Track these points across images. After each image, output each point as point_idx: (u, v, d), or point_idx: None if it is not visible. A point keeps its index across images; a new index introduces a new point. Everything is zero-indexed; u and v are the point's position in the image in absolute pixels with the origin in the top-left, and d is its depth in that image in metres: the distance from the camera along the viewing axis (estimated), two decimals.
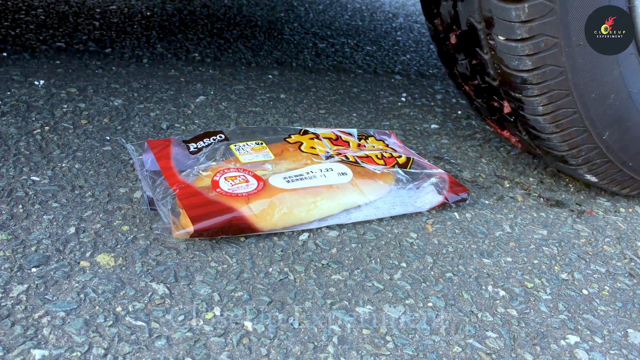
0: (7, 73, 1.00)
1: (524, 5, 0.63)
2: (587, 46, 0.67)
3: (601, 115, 0.72)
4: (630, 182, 0.83)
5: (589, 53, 0.67)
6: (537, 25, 0.64)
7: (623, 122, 0.74)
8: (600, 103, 0.71)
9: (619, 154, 0.77)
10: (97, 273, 0.57)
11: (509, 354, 0.55)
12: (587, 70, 0.69)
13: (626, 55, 0.70)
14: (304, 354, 0.52)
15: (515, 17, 0.64)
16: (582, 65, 0.68)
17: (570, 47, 0.66)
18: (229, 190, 0.66)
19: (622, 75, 0.70)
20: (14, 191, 0.68)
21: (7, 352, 0.47)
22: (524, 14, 0.63)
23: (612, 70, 0.69)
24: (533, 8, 0.63)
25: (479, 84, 0.78)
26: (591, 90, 0.70)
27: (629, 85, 0.72)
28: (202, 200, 0.64)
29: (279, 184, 0.68)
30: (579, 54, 0.67)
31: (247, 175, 0.69)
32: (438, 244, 0.71)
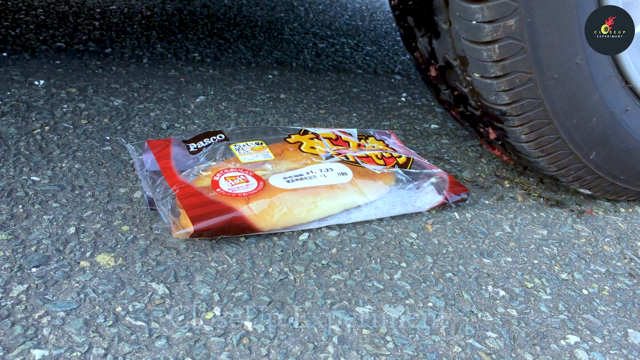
0: (7, 73, 1.00)
1: (494, 46, 0.63)
2: (562, 78, 0.67)
3: (585, 138, 0.73)
4: (625, 191, 0.84)
5: (565, 84, 0.68)
6: (510, 64, 0.65)
7: (609, 141, 0.75)
8: (583, 127, 0.72)
9: (609, 170, 0.78)
10: (97, 273, 0.57)
11: (509, 354, 0.55)
12: (565, 99, 0.69)
13: (605, 79, 0.70)
14: (304, 354, 0.52)
15: (487, 57, 0.65)
16: (559, 95, 0.68)
17: (545, 81, 0.67)
18: (229, 190, 0.66)
19: (603, 99, 0.71)
20: (14, 191, 0.68)
21: (7, 352, 0.47)
22: (495, 54, 0.64)
23: (592, 96, 0.70)
24: (503, 48, 0.64)
25: (464, 112, 0.79)
26: (572, 117, 0.71)
27: (611, 107, 0.72)
28: (202, 200, 0.64)
29: (279, 184, 0.68)
30: (554, 86, 0.68)
31: (247, 175, 0.69)
32: (438, 244, 0.71)
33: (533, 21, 0.62)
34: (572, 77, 0.67)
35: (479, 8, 0.61)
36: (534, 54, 0.64)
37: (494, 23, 0.61)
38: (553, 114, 0.69)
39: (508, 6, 0.60)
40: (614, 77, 0.70)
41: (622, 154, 0.77)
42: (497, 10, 0.60)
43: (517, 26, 0.61)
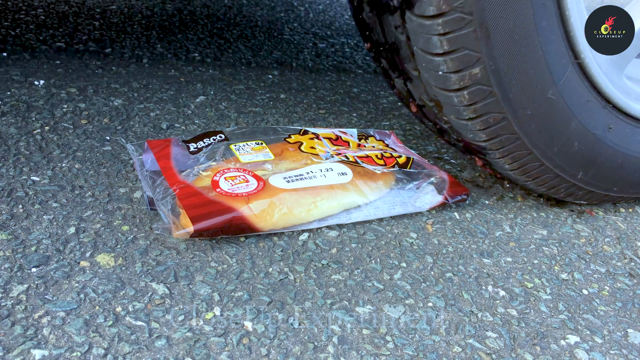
0: (7, 73, 1.00)
1: (463, 93, 0.65)
2: (536, 113, 0.68)
3: (570, 161, 0.74)
4: (621, 198, 0.85)
5: (540, 118, 0.69)
6: (481, 106, 0.66)
7: (596, 160, 0.75)
8: (566, 152, 0.73)
9: (600, 185, 0.79)
10: (97, 273, 0.57)
11: (509, 354, 0.55)
12: (543, 131, 0.70)
13: (582, 104, 0.70)
14: (304, 354, 0.52)
15: (458, 103, 0.66)
16: (536, 129, 0.69)
17: (519, 118, 0.67)
18: (229, 190, 0.66)
19: (582, 123, 0.71)
20: (14, 191, 0.68)
21: (7, 352, 0.47)
22: (465, 99, 0.65)
23: (570, 123, 0.70)
24: (472, 94, 0.65)
25: (449, 141, 0.81)
26: (552, 145, 0.71)
27: (593, 129, 0.72)
28: (202, 200, 0.64)
29: (279, 184, 0.68)
30: (529, 121, 0.68)
31: (247, 175, 0.69)
32: (438, 244, 0.71)
33: (497, 67, 0.63)
34: (546, 111, 0.68)
35: (442, 60, 0.62)
36: (504, 96, 0.65)
37: (460, 73, 0.63)
38: (532, 146, 0.71)
39: (470, 57, 0.62)
40: (591, 101, 0.71)
41: (612, 169, 0.77)
42: (460, 62, 0.62)
43: (482, 73, 0.63)
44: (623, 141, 0.76)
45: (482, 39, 0.60)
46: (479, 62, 0.62)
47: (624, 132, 0.75)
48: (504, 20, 0.61)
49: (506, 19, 0.61)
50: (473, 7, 0.58)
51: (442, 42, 0.61)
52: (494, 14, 0.60)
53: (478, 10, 0.59)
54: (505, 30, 0.61)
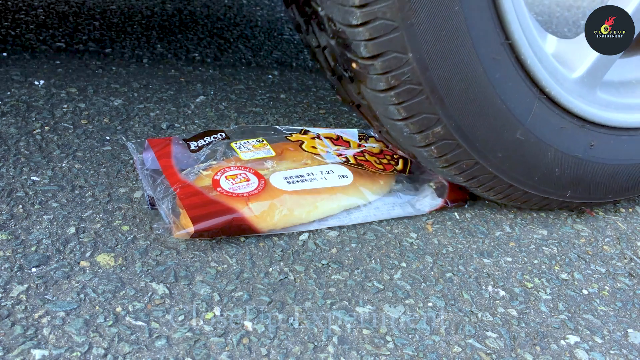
0: (7, 73, 1.00)
1: (431, 148, 0.67)
2: (508, 154, 0.69)
3: (555, 186, 0.75)
4: (620, 200, 0.85)
5: (513, 157, 0.70)
6: (452, 157, 0.68)
7: (582, 179, 0.76)
8: (549, 179, 0.73)
9: (593, 196, 0.79)
10: (97, 273, 0.57)
11: (509, 354, 0.55)
12: (519, 168, 0.71)
13: (556, 133, 0.70)
14: (304, 354, 0.52)
15: (429, 156, 0.69)
16: (510, 167, 0.71)
17: (491, 160, 0.69)
18: (229, 190, 0.66)
19: (560, 150, 0.72)
20: (14, 191, 0.68)
21: (7, 352, 0.47)
22: (435, 152, 0.68)
23: (546, 154, 0.71)
24: (441, 147, 0.67)
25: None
26: (532, 176, 0.72)
27: (573, 152, 0.73)
28: (203, 200, 0.64)
29: (279, 185, 0.68)
30: (503, 162, 0.70)
31: (249, 173, 0.69)
32: (438, 244, 0.71)
33: (458, 124, 0.64)
34: (518, 150, 0.69)
35: (404, 124, 0.64)
36: (471, 146, 0.67)
37: (423, 133, 0.65)
38: (512, 180, 0.72)
39: (429, 119, 0.63)
40: (566, 127, 0.71)
41: (603, 182, 0.78)
42: (420, 124, 0.64)
43: (444, 131, 0.65)
44: (608, 154, 0.76)
45: (437, 103, 0.62)
46: (439, 122, 0.64)
47: (608, 145, 0.75)
48: (456, 84, 0.62)
49: (458, 82, 0.62)
50: (421, 78, 0.60)
51: (399, 110, 0.63)
52: (443, 81, 0.61)
53: (426, 80, 0.60)
54: (459, 91, 0.63)
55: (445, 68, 0.61)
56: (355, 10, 0.56)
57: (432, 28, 0.58)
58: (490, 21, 0.61)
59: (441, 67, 0.60)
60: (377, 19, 0.56)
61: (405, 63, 0.59)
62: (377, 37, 0.57)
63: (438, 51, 0.60)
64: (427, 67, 0.60)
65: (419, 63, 0.59)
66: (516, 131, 0.68)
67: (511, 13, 0.62)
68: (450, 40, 0.59)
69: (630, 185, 0.81)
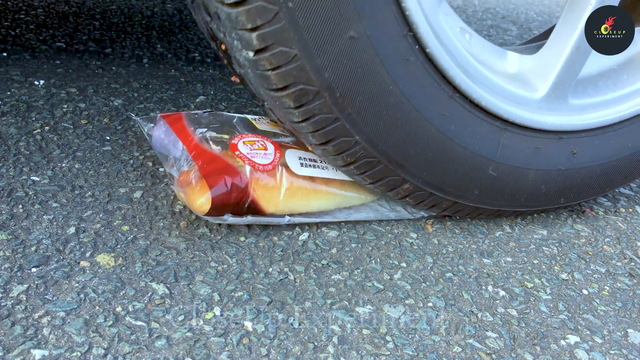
0: (7, 73, 1.00)
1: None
2: (484, 190, 0.70)
3: (544, 199, 0.75)
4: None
5: (489, 191, 0.70)
6: (428, 202, 0.70)
7: (572, 185, 0.75)
8: (535, 195, 0.74)
9: (588, 195, 0.79)
10: (97, 273, 0.57)
11: (509, 354, 0.55)
12: (502, 196, 0.71)
13: (532, 154, 0.70)
14: (304, 354, 0.52)
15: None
16: (495, 198, 0.71)
17: (469, 199, 0.70)
18: (247, 155, 0.65)
19: (541, 169, 0.72)
20: (14, 191, 0.68)
21: (7, 352, 0.47)
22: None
23: (527, 176, 0.71)
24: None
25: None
26: (519, 198, 0.73)
27: (556, 165, 0.72)
28: (220, 166, 0.64)
29: (292, 165, 0.67)
30: (481, 196, 0.70)
31: (267, 141, 0.68)
32: (438, 244, 0.71)
33: (426, 180, 0.66)
34: (495, 183, 0.70)
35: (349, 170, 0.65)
36: (444, 193, 0.69)
37: (394, 190, 0.67)
38: (499, 207, 0.74)
39: (395, 181, 0.65)
40: (541, 147, 0.70)
41: (596, 181, 0.77)
42: (388, 185, 0.66)
43: (412, 186, 0.67)
44: (595, 155, 0.75)
45: (398, 167, 0.64)
46: (405, 182, 0.66)
47: (592, 147, 0.74)
48: (411, 148, 0.63)
49: (413, 147, 0.63)
50: (374, 152, 0.62)
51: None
52: (398, 148, 0.63)
53: (380, 153, 0.62)
54: (420, 156, 0.64)
55: (399, 135, 0.61)
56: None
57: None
58: (431, 80, 0.60)
59: (392, 138, 0.61)
60: (315, 114, 0.56)
61: (354, 144, 0.60)
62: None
63: (380, 131, 0.60)
64: (376, 144, 0.61)
65: (368, 142, 0.60)
66: (487, 168, 0.67)
67: (453, 69, 0.60)
68: (392, 118, 0.60)
69: (627, 175, 0.80)
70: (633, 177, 0.82)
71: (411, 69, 0.58)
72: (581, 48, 0.67)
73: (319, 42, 0.52)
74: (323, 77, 0.54)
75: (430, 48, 0.58)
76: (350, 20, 0.52)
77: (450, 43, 0.61)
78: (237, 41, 0.52)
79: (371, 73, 0.56)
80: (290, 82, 0.54)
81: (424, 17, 0.56)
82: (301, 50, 0.52)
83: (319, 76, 0.54)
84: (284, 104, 0.56)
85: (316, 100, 0.55)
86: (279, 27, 0.50)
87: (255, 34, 0.50)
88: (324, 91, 0.55)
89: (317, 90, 0.55)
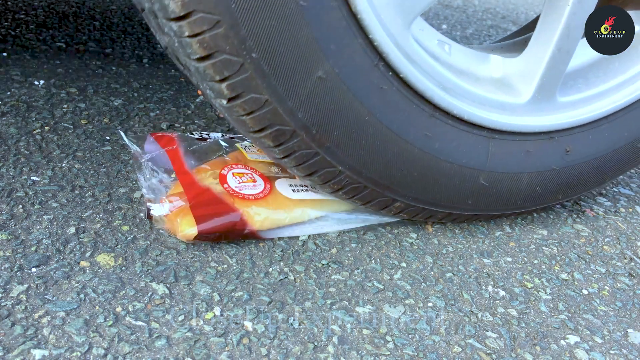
0: (7, 73, 1.00)
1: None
2: (479, 199, 0.70)
3: (541, 198, 0.74)
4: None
5: (487, 199, 0.70)
6: (422, 215, 0.71)
7: (569, 182, 0.75)
8: (532, 196, 0.73)
9: (588, 188, 0.79)
10: (97, 273, 0.57)
11: (509, 354, 0.55)
12: (498, 201, 0.72)
13: (524, 157, 0.70)
14: (304, 354, 0.52)
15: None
16: (490, 205, 0.72)
17: (464, 209, 0.70)
18: (235, 189, 0.65)
19: (535, 171, 0.71)
20: (14, 191, 0.68)
21: (7, 352, 0.47)
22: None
23: (521, 180, 0.71)
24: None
25: None
26: (515, 201, 0.73)
27: (550, 166, 0.72)
28: (209, 198, 0.64)
29: (285, 192, 0.68)
30: (475, 205, 0.71)
31: (255, 174, 0.69)
32: (438, 244, 0.71)
33: (419, 198, 0.67)
34: (488, 191, 0.70)
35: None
36: (436, 206, 0.69)
37: (387, 208, 0.68)
38: (495, 211, 0.74)
39: (385, 201, 0.66)
40: (531, 150, 0.70)
41: (592, 175, 0.77)
42: (380, 204, 0.67)
43: (404, 204, 0.67)
44: (590, 151, 0.74)
45: (385, 189, 0.65)
46: (395, 201, 0.66)
47: (587, 141, 0.73)
48: (397, 171, 0.64)
49: (400, 170, 0.63)
50: (359, 179, 0.62)
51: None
52: (383, 173, 0.63)
53: (365, 180, 0.62)
54: (412, 177, 0.65)
55: (382, 160, 0.61)
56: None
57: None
58: (409, 103, 0.60)
59: (375, 164, 0.61)
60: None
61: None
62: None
63: (362, 159, 0.60)
64: (360, 171, 0.61)
65: (351, 171, 0.61)
66: (478, 179, 0.67)
67: (430, 89, 0.60)
68: (372, 146, 0.60)
69: (623, 164, 0.79)
70: (632, 165, 0.80)
71: (387, 96, 0.58)
72: (563, 49, 0.66)
73: (287, 87, 0.53)
74: (297, 118, 0.55)
75: (404, 73, 0.58)
76: (316, 62, 0.52)
77: (425, 63, 0.61)
78: (210, 90, 0.53)
79: (345, 107, 0.56)
80: (266, 125, 0.55)
81: (393, 44, 0.56)
82: (271, 96, 0.52)
83: (293, 117, 0.54)
84: (264, 144, 0.57)
85: (293, 138, 0.56)
86: (246, 76, 0.51)
87: (224, 85, 0.51)
88: (299, 130, 0.55)
89: (293, 130, 0.55)
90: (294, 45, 0.51)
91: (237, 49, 0.49)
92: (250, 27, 0.48)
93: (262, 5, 0.48)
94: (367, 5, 0.53)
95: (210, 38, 0.47)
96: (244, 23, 0.48)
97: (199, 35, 0.47)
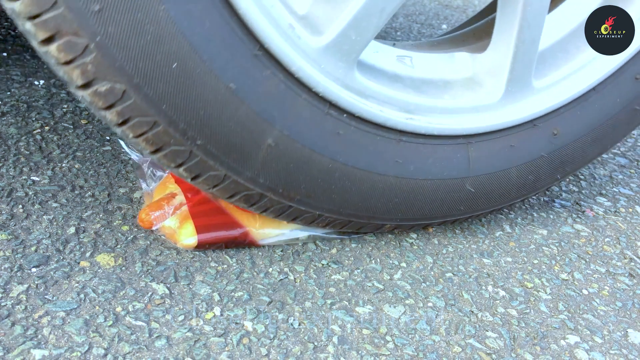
0: (7, 73, 1.00)
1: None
2: (473, 202, 0.69)
3: (536, 185, 0.73)
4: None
5: (477, 198, 0.70)
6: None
7: (566, 163, 0.73)
8: (526, 185, 0.72)
9: (585, 163, 0.77)
10: (97, 273, 0.57)
11: (509, 354, 0.55)
12: (490, 200, 0.71)
13: (508, 151, 0.68)
14: (304, 354, 0.52)
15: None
16: (481, 204, 0.70)
17: (458, 213, 0.70)
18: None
19: (524, 162, 0.70)
20: (14, 191, 0.68)
21: (7, 352, 0.47)
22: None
23: (510, 175, 0.70)
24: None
25: None
26: (510, 194, 0.71)
27: (539, 153, 0.71)
28: (211, 208, 0.64)
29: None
30: (469, 206, 0.70)
31: None
32: (438, 244, 0.71)
33: (412, 217, 0.67)
34: (477, 194, 0.69)
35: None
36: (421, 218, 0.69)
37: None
38: (491, 207, 0.72)
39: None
40: (515, 145, 0.68)
41: (588, 152, 0.75)
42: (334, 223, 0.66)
43: (392, 225, 0.67)
44: (581, 128, 0.71)
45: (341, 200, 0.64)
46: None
47: (575, 118, 0.70)
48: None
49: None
50: (254, 187, 0.61)
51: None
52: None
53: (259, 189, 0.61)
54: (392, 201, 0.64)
55: (358, 197, 0.61)
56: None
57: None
58: (373, 136, 0.60)
59: (351, 202, 0.62)
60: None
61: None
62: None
63: (337, 202, 0.61)
64: (339, 211, 0.62)
65: (331, 212, 0.62)
66: (464, 186, 0.67)
67: (393, 118, 0.60)
68: (344, 188, 0.60)
69: (623, 128, 0.76)
70: (634, 125, 0.76)
71: (346, 138, 0.58)
72: (527, 40, 0.62)
73: (241, 161, 0.55)
74: (259, 183, 0.57)
75: (359, 111, 0.57)
76: (263, 132, 0.53)
77: (380, 93, 0.60)
78: (177, 173, 0.56)
79: (305, 162, 0.57)
80: (233, 193, 0.57)
81: (341, 87, 0.56)
82: (228, 171, 0.55)
83: (255, 183, 0.56)
84: (240, 205, 0.60)
85: (263, 199, 0.59)
86: (198, 160, 0.53)
87: (182, 169, 0.54)
88: (266, 192, 0.58)
89: (260, 193, 0.58)
90: (234, 124, 0.52)
91: (182, 140, 0.51)
92: (186, 120, 0.50)
93: (193, 98, 0.49)
94: (304, 62, 0.53)
95: (154, 136, 0.50)
96: (179, 118, 0.50)
97: (143, 135, 0.50)
